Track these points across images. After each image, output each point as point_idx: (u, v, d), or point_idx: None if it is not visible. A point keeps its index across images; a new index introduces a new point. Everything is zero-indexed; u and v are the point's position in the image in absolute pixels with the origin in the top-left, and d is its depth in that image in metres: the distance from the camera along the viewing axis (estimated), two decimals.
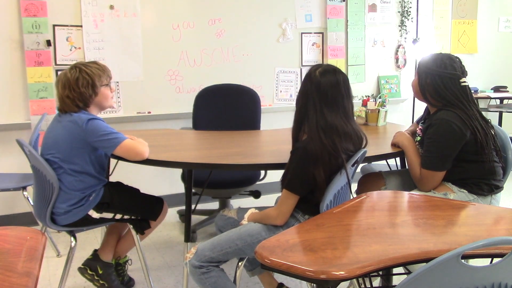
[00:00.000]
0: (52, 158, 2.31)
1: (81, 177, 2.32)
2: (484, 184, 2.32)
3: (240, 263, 2.10)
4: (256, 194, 3.65)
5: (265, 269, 2.19)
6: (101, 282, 2.48)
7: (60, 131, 2.32)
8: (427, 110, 2.56)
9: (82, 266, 2.51)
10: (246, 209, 2.27)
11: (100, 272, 2.48)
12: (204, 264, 1.99)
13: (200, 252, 2.00)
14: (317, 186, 1.91)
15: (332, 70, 1.98)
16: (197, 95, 3.69)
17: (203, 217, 3.58)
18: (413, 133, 2.58)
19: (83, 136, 2.26)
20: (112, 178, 2.56)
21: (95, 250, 2.56)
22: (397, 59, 4.70)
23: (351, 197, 2.06)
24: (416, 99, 4.66)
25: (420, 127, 2.48)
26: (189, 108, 3.87)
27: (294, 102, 2.10)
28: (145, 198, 2.57)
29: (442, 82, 2.33)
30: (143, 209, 2.51)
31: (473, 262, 1.41)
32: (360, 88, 4.59)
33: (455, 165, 2.30)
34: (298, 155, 1.92)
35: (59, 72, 3.50)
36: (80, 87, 2.30)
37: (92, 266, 2.49)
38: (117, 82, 3.73)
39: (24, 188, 3.01)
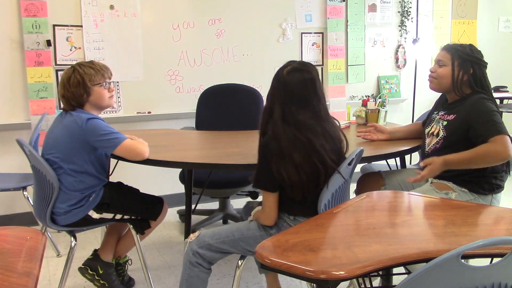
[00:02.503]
0: (52, 158, 2.31)
1: (81, 177, 2.32)
2: (485, 183, 2.31)
3: (240, 262, 2.10)
4: (254, 195, 3.65)
5: (265, 269, 2.19)
6: (102, 282, 2.48)
7: (60, 131, 2.32)
8: (442, 99, 2.56)
9: (83, 266, 2.51)
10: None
11: (101, 272, 2.48)
12: (200, 251, 1.99)
13: (201, 237, 2.02)
14: (285, 182, 1.88)
15: (299, 69, 1.93)
16: (201, 94, 3.70)
17: (203, 217, 3.58)
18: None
19: (82, 135, 2.26)
20: (112, 178, 2.56)
21: (95, 250, 2.56)
22: (397, 59, 4.70)
23: (350, 197, 2.06)
24: (415, 97, 4.68)
25: (441, 113, 2.43)
26: (189, 108, 3.87)
27: None
28: (145, 198, 2.57)
29: (483, 71, 2.36)
30: (143, 209, 2.51)
31: (473, 262, 1.41)
32: (360, 88, 4.59)
33: None
34: (260, 152, 1.94)
35: (59, 72, 3.52)
36: (71, 86, 2.33)
37: (92, 266, 2.49)
38: (117, 82, 3.73)
39: (24, 188, 3.01)
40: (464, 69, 2.35)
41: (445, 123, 2.38)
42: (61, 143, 2.30)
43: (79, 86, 2.33)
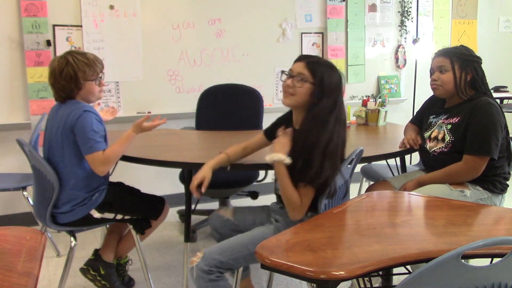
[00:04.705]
0: (57, 159, 2.29)
1: (88, 178, 2.29)
2: (497, 183, 2.35)
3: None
4: (254, 195, 3.65)
5: (265, 270, 2.19)
6: (103, 282, 2.48)
7: (60, 135, 2.28)
8: (434, 102, 2.55)
9: (85, 267, 2.50)
10: (244, 209, 2.26)
11: (102, 272, 2.48)
12: (213, 269, 1.89)
13: (208, 256, 1.90)
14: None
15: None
16: (201, 94, 3.69)
17: (203, 217, 3.58)
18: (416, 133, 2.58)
19: (72, 125, 2.23)
20: (112, 178, 2.55)
21: (96, 250, 2.56)
22: (397, 59, 4.71)
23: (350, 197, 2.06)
24: (415, 97, 4.68)
25: (443, 118, 2.43)
26: (189, 108, 3.87)
27: None
28: (147, 198, 2.56)
29: (482, 69, 2.38)
30: (144, 209, 2.51)
31: (473, 262, 1.41)
32: (360, 88, 4.59)
33: None
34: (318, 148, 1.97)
35: None
36: (63, 79, 2.26)
37: (94, 266, 2.48)
38: (117, 82, 3.73)
39: (24, 188, 3.01)
40: (465, 70, 2.35)
41: (449, 126, 2.38)
42: (65, 149, 2.28)
43: (71, 80, 2.26)
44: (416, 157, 2.68)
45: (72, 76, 2.26)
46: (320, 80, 1.91)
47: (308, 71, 1.92)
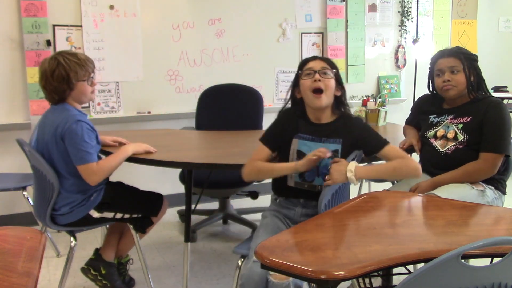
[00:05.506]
0: (48, 163, 2.29)
1: (80, 179, 2.30)
2: (502, 181, 2.36)
3: (240, 262, 2.09)
4: (254, 195, 3.65)
5: (265, 269, 2.18)
6: (104, 282, 2.48)
7: (46, 140, 2.29)
8: (429, 102, 2.55)
9: (85, 267, 2.50)
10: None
11: (103, 272, 2.48)
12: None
13: None
14: None
15: None
16: (201, 94, 3.69)
17: (203, 217, 3.58)
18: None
19: (62, 135, 2.22)
20: (112, 178, 2.56)
21: (97, 250, 2.56)
22: (397, 59, 4.71)
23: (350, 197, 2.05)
24: (415, 97, 4.67)
25: (450, 117, 2.41)
26: (189, 108, 3.87)
27: None
28: (145, 195, 2.57)
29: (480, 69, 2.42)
30: (144, 207, 2.51)
31: (473, 262, 1.41)
32: (360, 88, 4.58)
33: None
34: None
35: None
36: (55, 80, 2.24)
37: (95, 266, 2.48)
38: (117, 82, 3.73)
39: (24, 188, 3.01)
40: (473, 70, 2.38)
41: (460, 125, 2.36)
42: (56, 156, 2.27)
43: (63, 81, 2.24)
44: (416, 157, 2.66)
45: (64, 76, 2.24)
46: (337, 72, 2.10)
47: (328, 65, 2.08)
